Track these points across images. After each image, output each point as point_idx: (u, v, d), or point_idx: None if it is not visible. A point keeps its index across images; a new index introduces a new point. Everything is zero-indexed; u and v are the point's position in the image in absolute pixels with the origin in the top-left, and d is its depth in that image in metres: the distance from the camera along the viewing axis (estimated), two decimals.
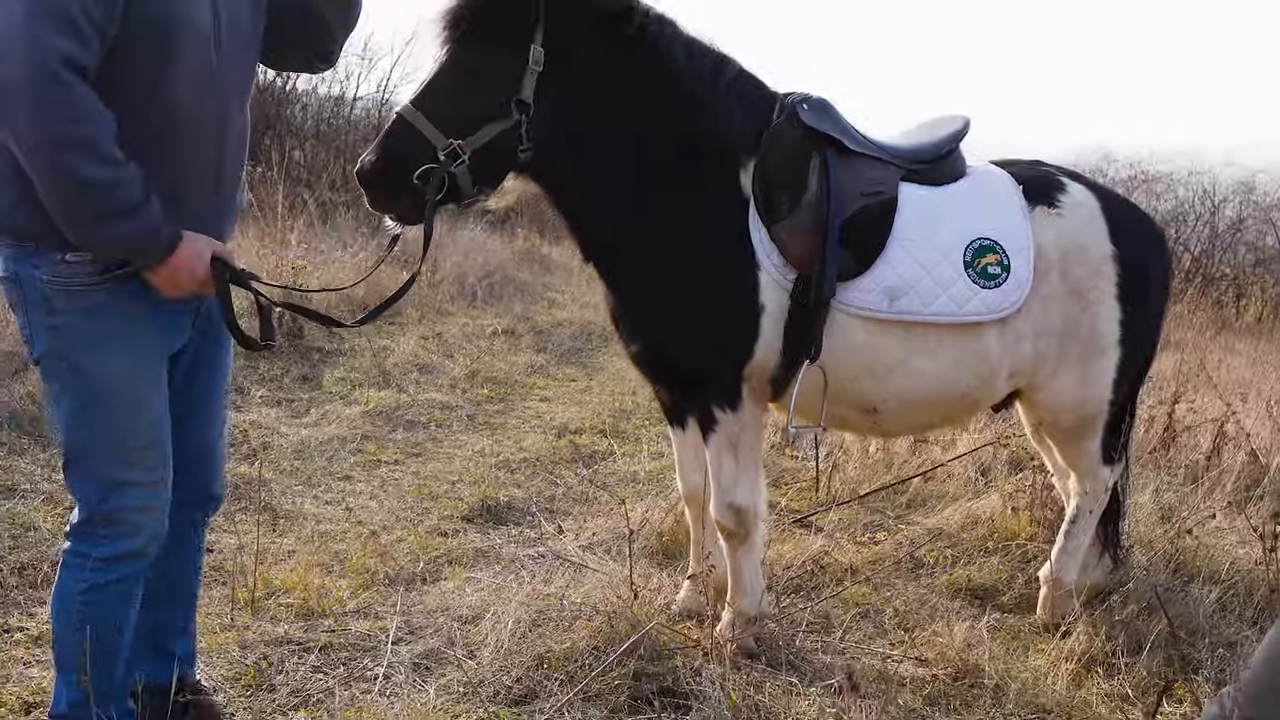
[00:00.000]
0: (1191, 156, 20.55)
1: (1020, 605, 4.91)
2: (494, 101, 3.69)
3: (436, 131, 3.62)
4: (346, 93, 18.54)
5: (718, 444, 4.09)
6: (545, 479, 6.46)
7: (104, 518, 3.02)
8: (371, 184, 3.69)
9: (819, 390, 4.07)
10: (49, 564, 4.62)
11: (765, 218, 3.95)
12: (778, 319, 3.97)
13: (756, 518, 4.21)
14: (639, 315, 4.10)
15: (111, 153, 2.72)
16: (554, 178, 3.95)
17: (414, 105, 3.66)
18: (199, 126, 2.99)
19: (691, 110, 3.94)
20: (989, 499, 5.95)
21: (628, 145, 3.90)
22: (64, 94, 2.64)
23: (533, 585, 4.67)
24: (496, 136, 3.69)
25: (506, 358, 9.42)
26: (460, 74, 3.69)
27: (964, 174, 4.35)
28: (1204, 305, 17.15)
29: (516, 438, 7.35)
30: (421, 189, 3.62)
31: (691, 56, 3.97)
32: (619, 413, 8.18)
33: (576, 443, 7.29)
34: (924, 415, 4.37)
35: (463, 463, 6.67)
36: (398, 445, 6.92)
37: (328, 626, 4.34)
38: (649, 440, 7.34)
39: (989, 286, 4.12)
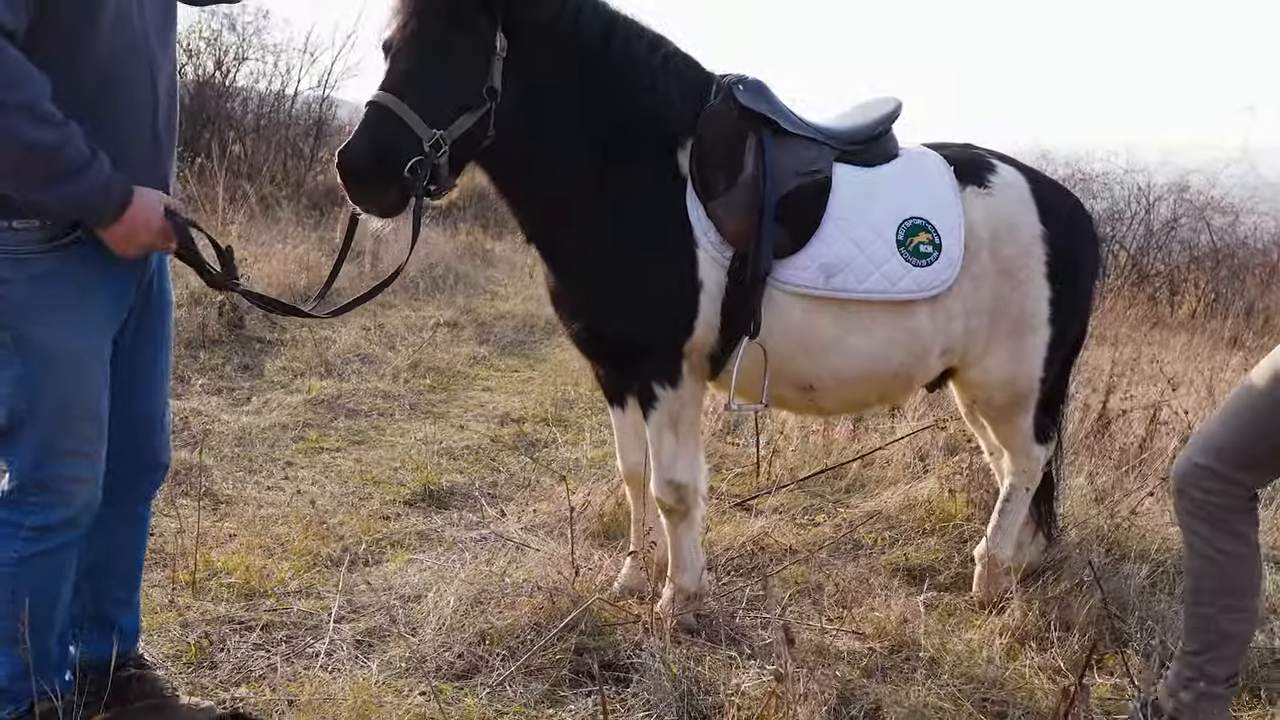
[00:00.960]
0: (1127, 156, 20.82)
1: (957, 583, 4.99)
2: (470, 91, 3.68)
3: (421, 122, 3.57)
4: (287, 87, 18.46)
5: (658, 421, 4.14)
6: (488, 465, 6.48)
7: (38, 485, 3.00)
8: (361, 177, 3.58)
9: (759, 368, 4.13)
10: None
11: (702, 196, 4.00)
12: (716, 296, 4.03)
13: (696, 494, 4.26)
14: (580, 294, 4.14)
15: (51, 113, 2.71)
16: (501, 160, 3.96)
17: (394, 95, 3.59)
18: (130, 81, 2.98)
19: (629, 90, 3.99)
20: (927, 482, 6.04)
21: (569, 126, 3.94)
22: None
23: (475, 565, 4.70)
24: (472, 125, 3.69)
25: (449, 349, 9.42)
26: (438, 63, 3.64)
27: (896, 155, 4.43)
28: (1139, 301, 17.43)
29: (459, 426, 7.36)
30: (410, 181, 3.58)
31: (628, 37, 4.02)
32: (562, 402, 8.21)
33: (519, 430, 7.32)
34: (859, 392, 4.43)
35: (405, 450, 6.68)
36: (340, 433, 6.91)
37: (270, 606, 4.35)
38: (591, 429, 7.36)
39: (921, 265, 4.19)
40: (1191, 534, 3.56)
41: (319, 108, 18.42)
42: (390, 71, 3.65)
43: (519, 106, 3.82)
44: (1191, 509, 3.52)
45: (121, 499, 3.30)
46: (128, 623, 3.52)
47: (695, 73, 4.19)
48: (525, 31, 3.78)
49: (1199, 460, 3.49)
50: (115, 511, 3.28)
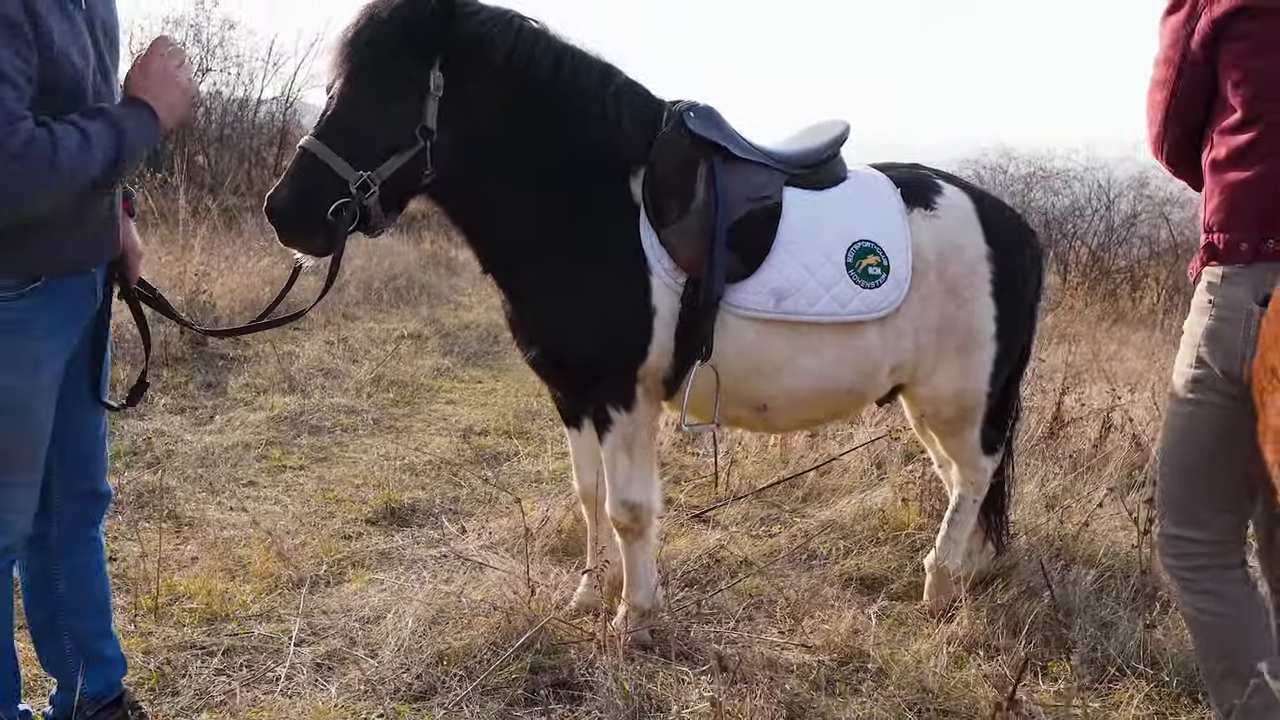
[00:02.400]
0: (1088, 153, 21.03)
1: (909, 592, 5.09)
2: (400, 132, 3.77)
3: (347, 165, 3.67)
4: (250, 96, 18.49)
5: (613, 443, 4.22)
6: (449, 481, 6.55)
7: None
8: (285, 222, 3.71)
9: (712, 389, 4.22)
10: None
11: (655, 223, 4.09)
12: (669, 321, 4.12)
13: (650, 514, 4.35)
14: (536, 321, 4.22)
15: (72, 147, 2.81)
16: (452, 195, 4.05)
17: (320, 140, 3.71)
18: None
19: (580, 121, 4.07)
20: (881, 491, 6.15)
21: (521, 158, 4.02)
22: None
23: (434, 585, 4.77)
24: (404, 165, 3.78)
25: (412, 361, 9.49)
26: (365, 106, 3.75)
27: (845, 178, 4.53)
28: (1100, 297, 17.64)
29: (422, 441, 7.43)
30: (336, 223, 3.69)
31: (577, 69, 4.09)
32: (524, 414, 8.29)
33: (481, 444, 7.40)
34: (811, 411, 4.53)
35: (367, 466, 6.74)
36: (302, 450, 6.97)
37: (231, 630, 4.41)
38: (553, 440, 7.45)
39: (870, 287, 4.29)
40: (1181, 602, 3.44)
41: (282, 116, 18.48)
42: (321, 116, 3.81)
43: (467, 141, 3.90)
44: (1173, 578, 3.43)
45: (75, 530, 3.36)
46: (113, 651, 3.56)
47: (646, 101, 4.28)
48: (471, 69, 3.87)
49: (1166, 530, 3.40)
50: (72, 545, 3.34)
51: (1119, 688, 4.22)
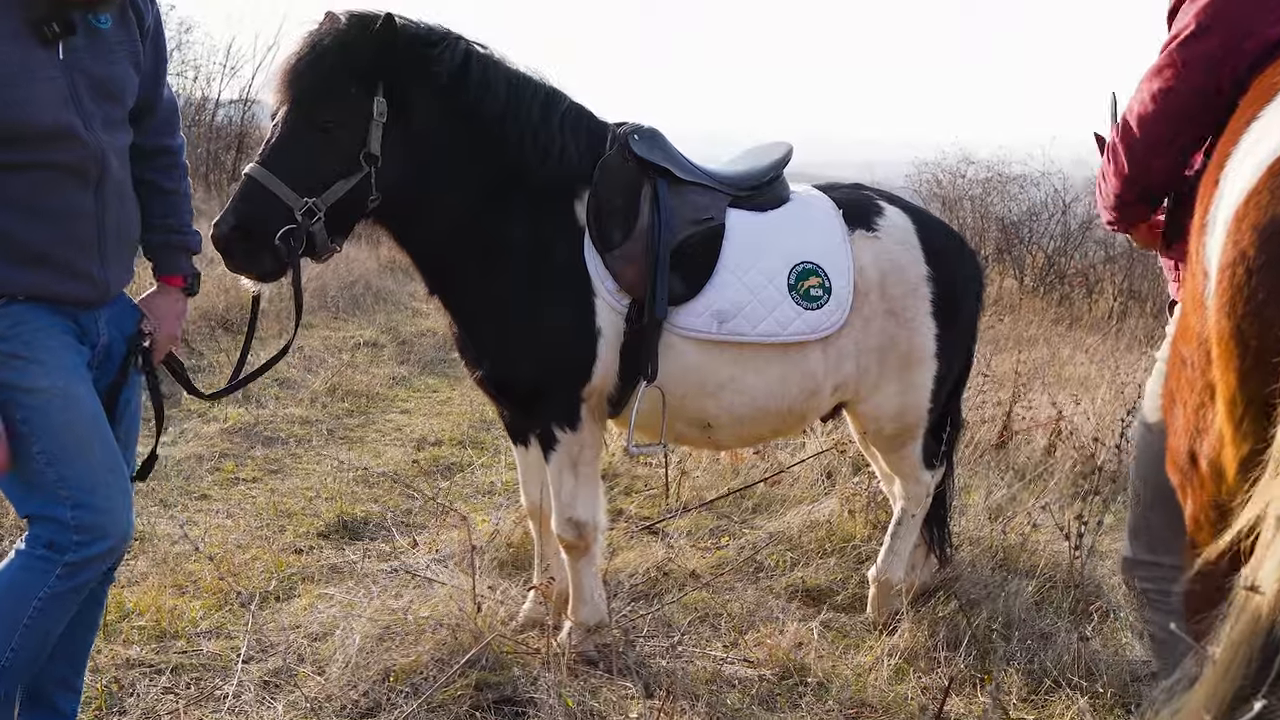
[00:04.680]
0: (1044, 158, 21.17)
1: (853, 605, 5.17)
2: (344, 158, 3.83)
3: (291, 192, 3.73)
4: (208, 99, 18.42)
5: (558, 462, 4.28)
6: (402, 493, 6.58)
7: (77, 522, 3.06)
8: (231, 249, 3.76)
9: (658, 409, 4.30)
10: None
11: (599, 246, 4.15)
12: (613, 342, 4.18)
13: (596, 531, 4.41)
14: (482, 342, 4.28)
15: None
16: (397, 217, 4.10)
17: (265, 167, 3.75)
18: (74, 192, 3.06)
19: (524, 145, 4.13)
20: (828, 502, 6.23)
21: (466, 182, 4.08)
22: None
23: (382, 600, 4.80)
24: (349, 190, 3.84)
25: (368, 370, 9.51)
26: (308, 134, 3.80)
27: (787, 199, 4.60)
28: (1055, 301, 17.80)
29: (376, 451, 7.47)
30: (283, 249, 3.74)
31: (521, 93, 4.16)
32: (479, 423, 8.33)
33: (435, 455, 7.44)
34: (754, 429, 4.60)
35: (321, 478, 6.77)
36: (256, 462, 6.99)
37: (180, 648, 4.43)
38: (506, 450, 7.47)
39: (812, 308, 4.36)
40: (1146, 623, 3.41)
41: (240, 119, 18.41)
42: (265, 143, 3.85)
43: (412, 165, 3.96)
44: (1140, 599, 3.39)
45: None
46: (67, 705, 3.49)
47: (591, 124, 4.35)
48: (413, 93, 3.93)
49: (1128, 554, 3.40)
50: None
51: (1055, 699, 4.31)
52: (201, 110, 18.11)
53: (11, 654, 3.09)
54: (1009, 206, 20.80)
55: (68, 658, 3.48)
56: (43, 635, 3.15)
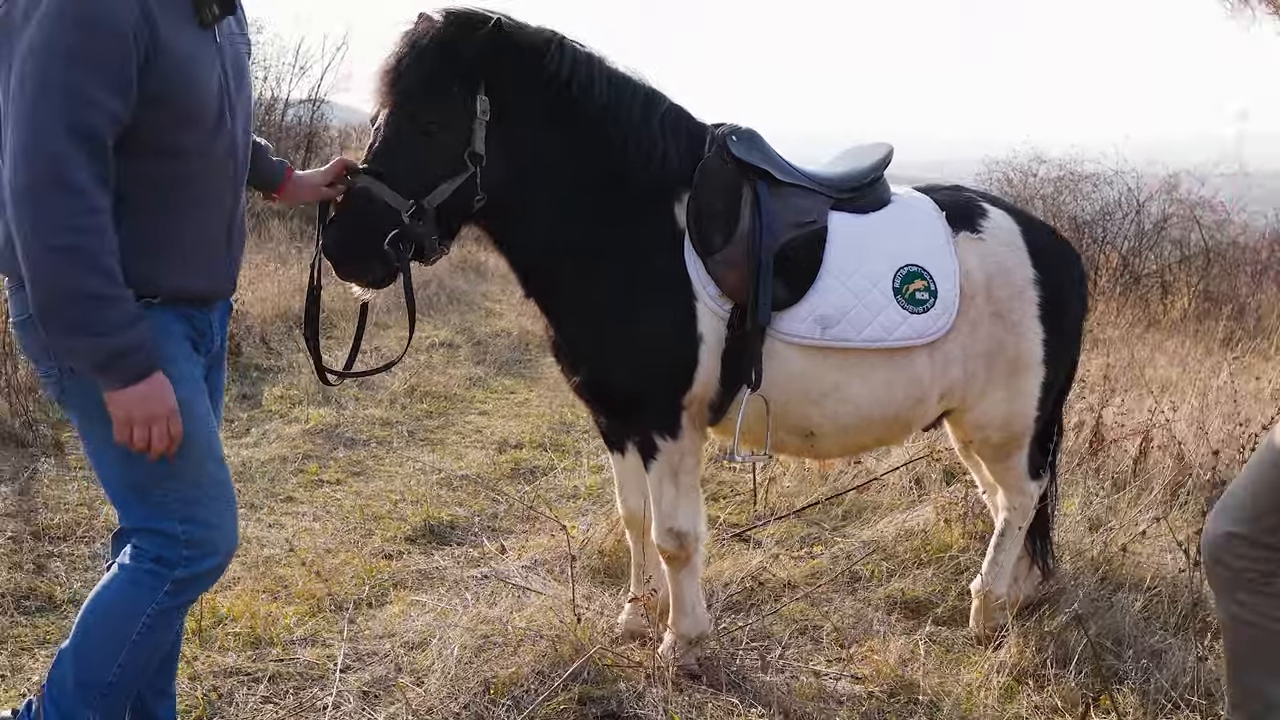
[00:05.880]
0: (1117, 157, 20.84)
1: (954, 618, 5.04)
2: (449, 158, 3.77)
3: (397, 196, 3.68)
4: (278, 98, 18.50)
5: (659, 471, 4.19)
6: (487, 496, 6.51)
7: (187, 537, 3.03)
8: (342, 258, 3.74)
9: (761, 417, 4.19)
10: None
11: (700, 250, 4.05)
12: (715, 348, 4.08)
13: (697, 541, 4.31)
14: (580, 348, 4.19)
15: (114, 269, 2.74)
16: (497, 219, 4.03)
17: (369, 173, 3.72)
18: (220, 181, 3.04)
19: (624, 146, 4.04)
20: (922, 511, 6.09)
21: (566, 183, 4.00)
22: (74, 204, 2.67)
23: (477, 609, 4.73)
24: (454, 191, 3.78)
25: (445, 370, 9.48)
26: (411, 136, 3.74)
27: (889, 201, 4.49)
28: (1131, 302, 17.49)
29: (457, 454, 7.42)
30: (391, 254, 3.69)
31: (623, 93, 4.07)
32: (558, 425, 8.27)
33: (517, 458, 7.38)
34: (858, 437, 4.49)
35: (404, 481, 6.73)
36: (339, 464, 6.96)
37: (275, 655, 4.39)
38: (589, 453, 7.42)
39: (918, 312, 4.24)
40: (1235, 604, 3.33)
41: (309, 119, 18.48)
42: (368, 148, 3.80)
43: (512, 165, 3.88)
44: (1230, 578, 3.33)
45: None
46: (166, 714, 3.48)
47: (689, 125, 4.25)
48: (516, 94, 3.85)
49: (1231, 529, 3.31)
50: None
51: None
52: (271, 110, 18.18)
53: (119, 670, 3.05)
54: (1081, 206, 20.49)
55: (164, 665, 3.47)
56: (150, 651, 3.11)
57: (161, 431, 2.85)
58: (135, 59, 2.75)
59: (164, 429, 2.85)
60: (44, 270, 2.71)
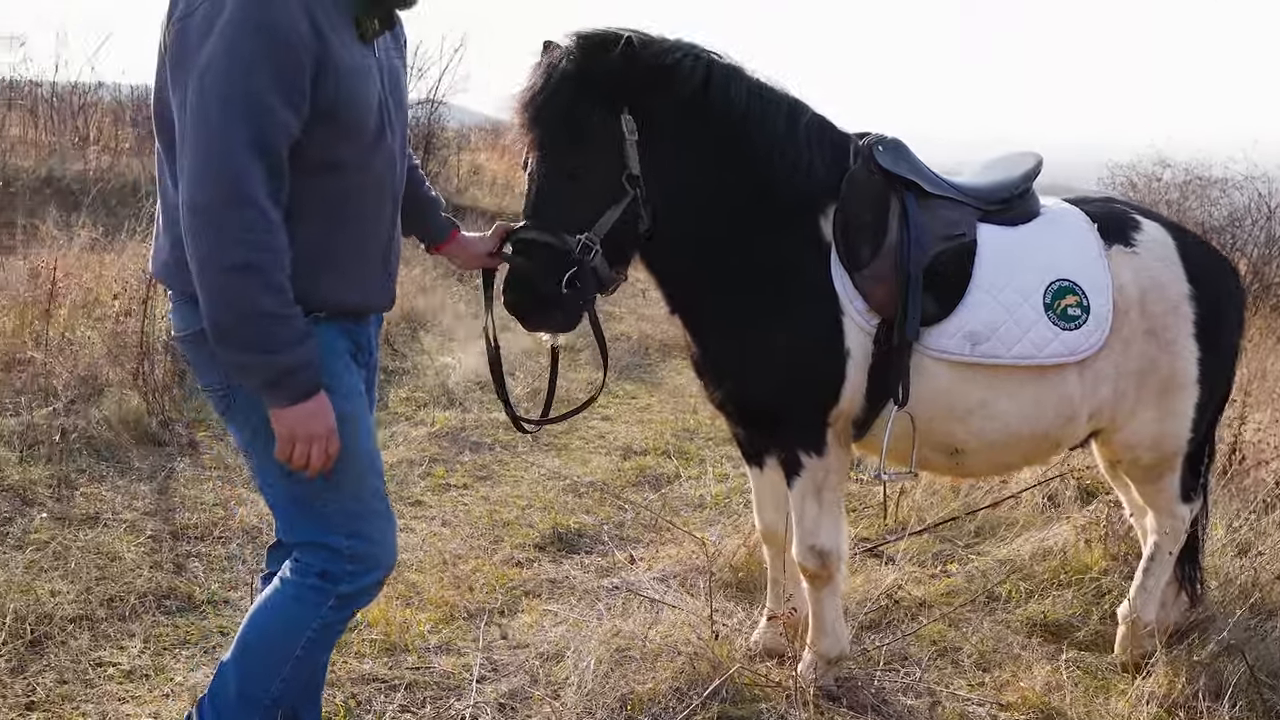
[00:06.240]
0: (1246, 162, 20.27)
1: (1097, 643, 4.89)
2: (607, 186, 3.72)
3: (563, 236, 3.64)
4: None
5: (802, 488, 4.11)
6: (614, 504, 6.48)
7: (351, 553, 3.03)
8: (522, 312, 3.74)
9: (908, 434, 4.10)
10: (135, 595, 4.71)
11: (847, 264, 3.97)
12: (862, 364, 4.00)
13: (839, 560, 4.23)
14: (725, 364, 4.13)
15: (286, 287, 2.74)
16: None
17: (530, 220, 3.69)
18: (379, 196, 3.04)
19: (768, 158, 3.96)
20: (1059, 529, 5.92)
21: (710, 197, 3.93)
22: (253, 221, 2.68)
23: (611, 621, 4.68)
24: (620, 216, 3.73)
25: (566, 374, 9.41)
26: (565, 172, 3.70)
27: (1038, 213, 4.36)
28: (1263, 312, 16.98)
29: (582, 459, 7.41)
30: (572, 296, 3.66)
31: (765, 105, 3.98)
32: (681, 432, 8.22)
33: (641, 465, 7.33)
34: (1005, 456, 4.37)
35: (530, 486, 6.73)
36: (465, 468, 6.98)
37: (411, 663, 4.39)
38: (713, 461, 7.36)
39: (1069, 328, 4.12)
40: None
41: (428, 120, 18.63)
42: (526, 196, 3.77)
43: (657, 181, 3.82)
44: None
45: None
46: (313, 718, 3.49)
47: (833, 135, 4.16)
48: (659, 111, 3.79)
49: None
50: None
51: None
52: None
53: (282, 684, 3.05)
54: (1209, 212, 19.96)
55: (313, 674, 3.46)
56: (312, 665, 3.13)
57: (320, 450, 2.85)
58: (308, 72, 2.75)
59: (323, 448, 2.85)
60: (220, 288, 2.71)
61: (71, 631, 4.41)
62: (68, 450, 6.11)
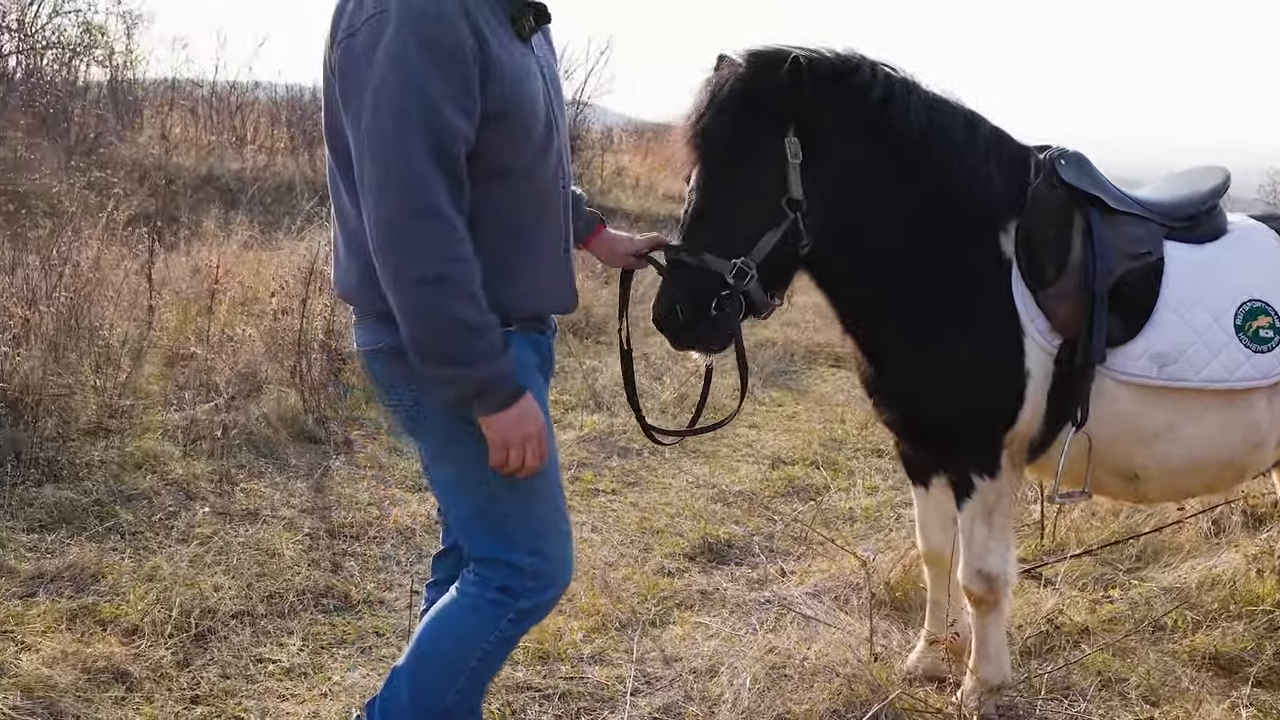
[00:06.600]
0: None
1: (1272, 679, 4.65)
2: (766, 209, 3.62)
3: (717, 259, 3.55)
4: None
5: (972, 510, 3.99)
6: (762, 514, 6.40)
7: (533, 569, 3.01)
8: (671, 330, 3.69)
9: (1084, 456, 3.95)
10: (294, 593, 4.77)
11: (1030, 283, 3.83)
12: (1041, 385, 3.86)
13: (1006, 585, 4.10)
14: (900, 383, 4.02)
15: (479, 295, 2.72)
16: (814, 260, 3.86)
17: (686, 241, 3.61)
18: (552, 195, 3.01)
19: (946, 175, 3.84)
20: (1228, 556, 5.68)
21: (885, 214, 3.82)
22: (440, 232, 2.66)
23: (764, 637, 4.61)
24: (778, 241, 3.63)
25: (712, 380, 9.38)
26: (725, 193, 3.62)
27: (1225, 230, 4.18)
28: None
29: (729, 468, 7.34)
30: (721, 319, 3.59)
31: (942, 120, 3.86)
32: (829, 442, 8.09)
33: (789, 475, 7.24)
34: (1186, 482, 4.20)
35: (679, 494, 6.69)
36: (613, 473, 6.96)
37: (565, 673, 4.37)
38: (862, 473, 7.24)
39: (1261, 351, 3.94)
40: None
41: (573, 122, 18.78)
42: (683, 218, 3.70)
43: (828, 201, 3.71)
44: None
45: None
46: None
47: (1011, 148, 4.03)
48: (829, 129, 3.69)
49: None
50: None
51: None
52: None
53: (457, 696, 3.04)
54: None
55: None
56: (485, 677, 3.12)
57: (535, 449, 2.83)
58: (476, 76, 2.73)
59: (535, 447, 2.83)
60: (413, 302, 2.70)
61: (234, 627, 4.49)
62: (228, 446, 6.24)
